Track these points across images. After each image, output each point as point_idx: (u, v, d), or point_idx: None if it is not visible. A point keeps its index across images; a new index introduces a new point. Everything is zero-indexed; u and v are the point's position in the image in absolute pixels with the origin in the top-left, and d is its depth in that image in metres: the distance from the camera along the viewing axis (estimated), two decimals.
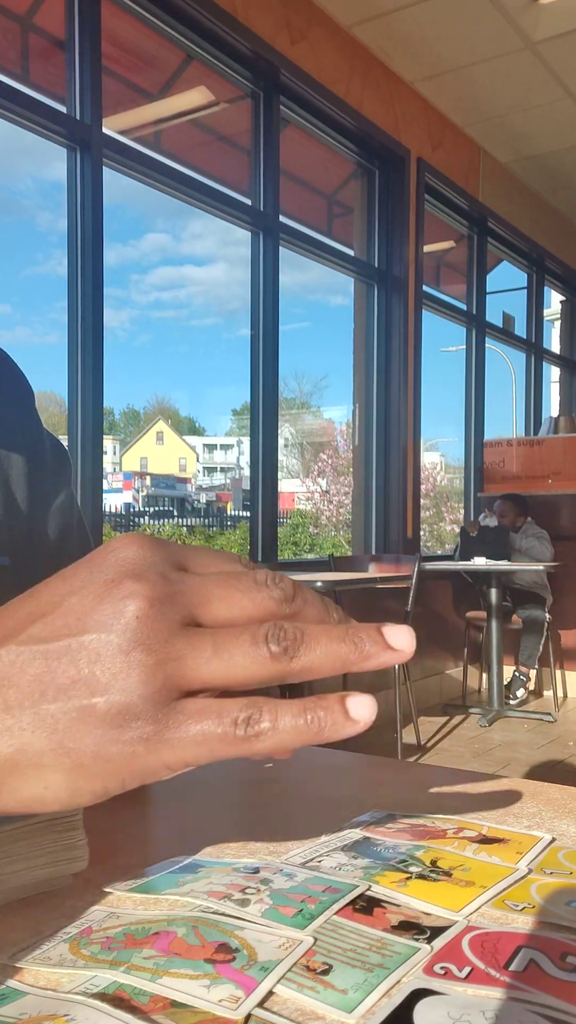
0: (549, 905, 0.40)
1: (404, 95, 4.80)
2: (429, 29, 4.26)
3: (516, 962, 0.34)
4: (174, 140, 4.07)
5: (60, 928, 0.38)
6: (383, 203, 4.88)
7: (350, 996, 0.32)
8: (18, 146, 42.51)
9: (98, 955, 0.35)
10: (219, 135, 4.28)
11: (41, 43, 3.34)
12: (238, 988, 0.32)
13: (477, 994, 0.32)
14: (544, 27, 4.25)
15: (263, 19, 3.80)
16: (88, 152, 3.16)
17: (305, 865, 0.45)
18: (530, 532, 5.09)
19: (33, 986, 0.34)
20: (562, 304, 7.65)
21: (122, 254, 69.18)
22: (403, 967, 0.34)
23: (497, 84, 4.81)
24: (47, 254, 77.59)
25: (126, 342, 70.53)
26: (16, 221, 72.05)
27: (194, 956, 0.35)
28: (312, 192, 4.92)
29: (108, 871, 0.45)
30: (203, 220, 51.71)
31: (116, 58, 3.54)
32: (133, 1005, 0.32)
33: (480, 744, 4.18)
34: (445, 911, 0.39)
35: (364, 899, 0.40)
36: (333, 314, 22.72)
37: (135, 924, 0.38)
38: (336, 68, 4.26)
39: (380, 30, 4.29)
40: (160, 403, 36.70)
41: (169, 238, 76.72)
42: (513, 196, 6.02)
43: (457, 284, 5.92)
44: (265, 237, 4.08)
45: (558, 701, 5.18)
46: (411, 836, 0.49)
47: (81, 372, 3.17)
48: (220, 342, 64.64)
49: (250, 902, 0.39)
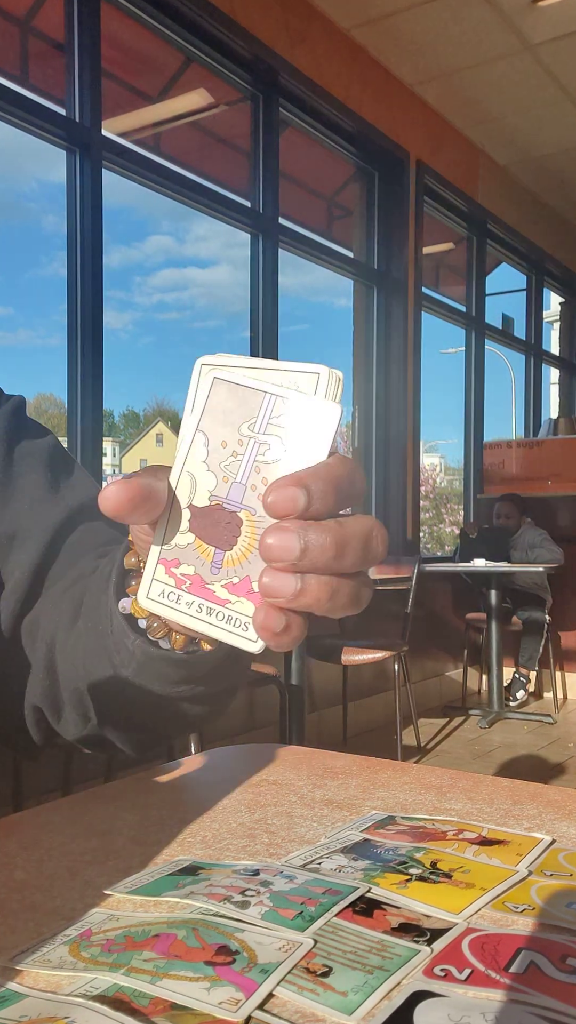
0: (549, 907, 0.40)
1: (403, 97, 4.81)
2: (428, 32, 4.26)
3: (516, 964, 0.34)
4: (173, 142, 4.07)
5: (60, 931, 0.38)
6: (382, 205, 4.88)
7: (350, 998, 0.32)
8: (23, 149, 42.64)
9: (98, 957, 0.35)
10: (218, 137, 4.28)
11: (40, 45, 3.34)
12: (238, 990, 0.32)
13: (477, 996, 0.32)
14: (543, 29, 4.25)
15: (262, 22, 3.80)
16: (88, 154, 3.17)
17: (305, 867, 0.45)
18: (532, 534, 5.09)
19: (33, 988, 0.34)
20: (561, 306, 7.65)
21: (126, 256, 69.23)
22: (403, 969, 0.34)
23: (496, 86, 4.81)
24: (50, 256, 77.65)
25: (128, 344, 70.49)
26: (20, 224, 72.11)
27: (194, 958, 0.35)
28: (311, 194, 4.93)
29: (108, 873, 0.45)
30: (206, 222, 52.06)
31: (115, 61, 3.55)
32: (133, 1007, 0.32)
33: (480, 746, 4.17)
34: (445, 913, 0.39)
35: (364, 901, 0.40)
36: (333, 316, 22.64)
37: (135, 926, 0.38)
38: (335, 70, 4.26)
39: (379, 33, 4.29)
40: (160, 405, 36.67)
41: (172, 240, 76.79)
42: (512, 198, 6.02)
43: (456, 286, 5.92)
44: (264, 239, 4.09)
45: (558, 703, 5.18)
46: (411, 838, 0.49)
47: (80, 374, 3.17)
48: (222, 344, 64.74)
49: (250, 904, 0.39)
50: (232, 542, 0.38)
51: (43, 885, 0.44)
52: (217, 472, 0.38)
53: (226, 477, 0.38)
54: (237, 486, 0.38)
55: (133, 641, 0.50)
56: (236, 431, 0.38)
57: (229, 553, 0.38)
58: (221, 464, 0.38)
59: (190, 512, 0.39)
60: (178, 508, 0.39)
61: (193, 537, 0.39)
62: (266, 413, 0.37)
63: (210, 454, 0.38)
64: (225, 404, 0.38)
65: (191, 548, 0.39)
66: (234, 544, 0.38)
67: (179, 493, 0.39)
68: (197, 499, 0.39)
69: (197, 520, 0.39)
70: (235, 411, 0.38)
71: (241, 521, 0.38)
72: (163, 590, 0.40)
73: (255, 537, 0.38)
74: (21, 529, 0.67)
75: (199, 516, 0.39)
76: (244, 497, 0.38)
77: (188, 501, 0.39)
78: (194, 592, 0.39)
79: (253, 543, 0.38)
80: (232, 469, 0.38)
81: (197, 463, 0.39)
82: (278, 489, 0.35)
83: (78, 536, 0.68)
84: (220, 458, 0.38)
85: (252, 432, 0.37)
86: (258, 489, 0.37)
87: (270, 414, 0.37)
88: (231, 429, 0.38)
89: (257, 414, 0.37)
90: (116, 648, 0.52)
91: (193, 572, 0.39)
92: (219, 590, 0.38)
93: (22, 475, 0.69)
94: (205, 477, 0.38)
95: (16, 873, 0.46)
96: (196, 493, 0.39)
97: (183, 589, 0.39)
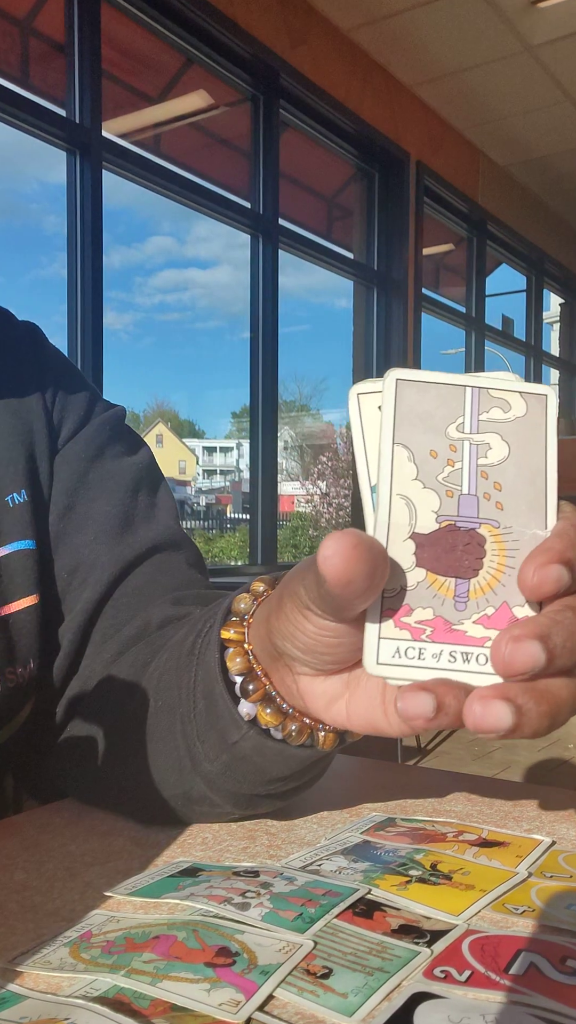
0: (549, 909, 0.40)
1: (403, 98, 4.81)
2: (428, 33, 4.27)
3: (516, 966, 0.34)
4: (174, 143, 4.07)
5: (60, 932, 0.38)
6: (382, 206, 4.88)
7: (350, 1000, 0.32)
8: (25, 150, 42.69)
9: (98, 959, 0.35)
10: (219, 138, 4.28)
11: (41, 47, 3.34)
12: (238, 992, 0.32)
13: (477, 998, 0.32)
14: (543, 30, 4.25)
15: (263, 23, 3.80)
16: (88, 156, 3.17)
17: (305, 869, 0.45)
18: None
19: (33, 990, 0.34)
20: (561, 307, 7.66)
21: (126, 257, 69.22)
22: (403, 971, 0.34)
23: (496, 87, 4.82)
24: (52, 257, 77.67)
25: (129, 344, 70.52)
26: (23, 224, 72.11)
27: (194, 960, 0.35)
28: (312, 195, 4.93)
29: (108, 875, 0.45)
30: (207, 223, 52.19)
31: (116, 62, 3.55)
32: (133, 1009, 0.32)
33: (480, 747, 4.17)
34: (445, 915, 0.39)
35: (364, 903, 0.40)
36: (334, 317, 22.67)
37: (135, 928, 0.38)
38: (335, 71, 4.27)
39: (379, 34, 4.29)
40: (160, 406, 36.66)
41: (173, 241, 76.79)
42: (512, 199, 6.03)
43: (456, 287, 5.93)
44: (264, 240, 4.09)
45: None
46: (411, 840, 0.49)
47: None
48: (223, 344, 64.80)
49: (250, 906, 0.39)
50: (477, 566, 0.32)
51: (43, 886, 0.44)
52: (437, 488, 0.32)
53: (450, 491, 0.32)
54: (467, 499, 0.32)
55: (244, 732, 0.44)
56: (444, 436, 0.33)
57: (475, 581, 0.32)
58: (439, 477, 0.33)
59: (414, 543, 0.32)
60: (396, 543, 0.32)
61: (424, 573, 0.32)
62: (473, 409, 0.33)
63: (420, 468, 0.32)
64: (420, 408, 0.33)
65: (423, 586, 0.32)
66: (479, 568, 0.32)
67: (394, 523, 0.32)
68: (420, 525, 0.32)
69: (426, 550, 0.32)
70: (435, 414, 0.33)
71: (484, 539, 0.32)
72: (397, 648, 0.32)
73: (505, 555, 0.32)
74: (84, 563, 0.59)
75: (427, 545, 0.32)
76: (480, 510, 0.32)
77: (409, 531, 0.32)
78: (440, 639, 0.32)
79: (504, 561, 0.32)
80: (454, 480, 0.33)
81: (408, 482, 0.32)
82: (540, 568, 0.30)
83: (146, 575, 0.60)
84: (435, 470, 0.33)
85: (464, 433, 0.33)
86: (493, 497, 0.32)
87: (478, 409, 0.33)
88: (437, 435, 0.33)
89: (463, 412, 0.33)
90: (201, 736, 0.46)
91: (433, 615, 0.32)
92: (472, 628, 0.32)
93: (94, 500, 0.61)
94: (424, 496, 0.32)
95: (16, 874, 0.46)
96: (417, 518, 0.32)
97: (424, 639, 0.32)
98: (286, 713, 0.43)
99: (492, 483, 0.32)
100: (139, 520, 0.62)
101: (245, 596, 0.45)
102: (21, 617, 0.57)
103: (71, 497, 0.61)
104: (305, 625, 0.36)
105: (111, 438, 0.64)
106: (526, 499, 0.33)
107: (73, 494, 0.61)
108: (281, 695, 0.43)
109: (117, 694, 0.54)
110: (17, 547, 0.58)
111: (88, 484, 0.61)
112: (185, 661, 0.48)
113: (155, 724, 0.50)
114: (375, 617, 0.32)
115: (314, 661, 0.38)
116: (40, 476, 0.61)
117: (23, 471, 0.59)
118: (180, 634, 0.52)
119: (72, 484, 0.61)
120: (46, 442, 0.61)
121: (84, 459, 0.62)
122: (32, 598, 0.58)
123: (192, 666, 0.47)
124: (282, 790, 0.48)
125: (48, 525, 0.61)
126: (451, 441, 0.33)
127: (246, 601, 0.45)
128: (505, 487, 0.32)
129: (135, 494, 0.62)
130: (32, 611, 0.58)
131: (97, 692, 0.57)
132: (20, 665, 0.57)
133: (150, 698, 0.51)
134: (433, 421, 0.33)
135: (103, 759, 0.55)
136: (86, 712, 0.57)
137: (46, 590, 0.59)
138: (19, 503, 0.59)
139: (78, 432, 0.63)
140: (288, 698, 0.43)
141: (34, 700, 0.60)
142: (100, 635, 0.59)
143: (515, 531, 0.32)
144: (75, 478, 0.61)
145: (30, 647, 0.58)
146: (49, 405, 0.63)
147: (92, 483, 0.62)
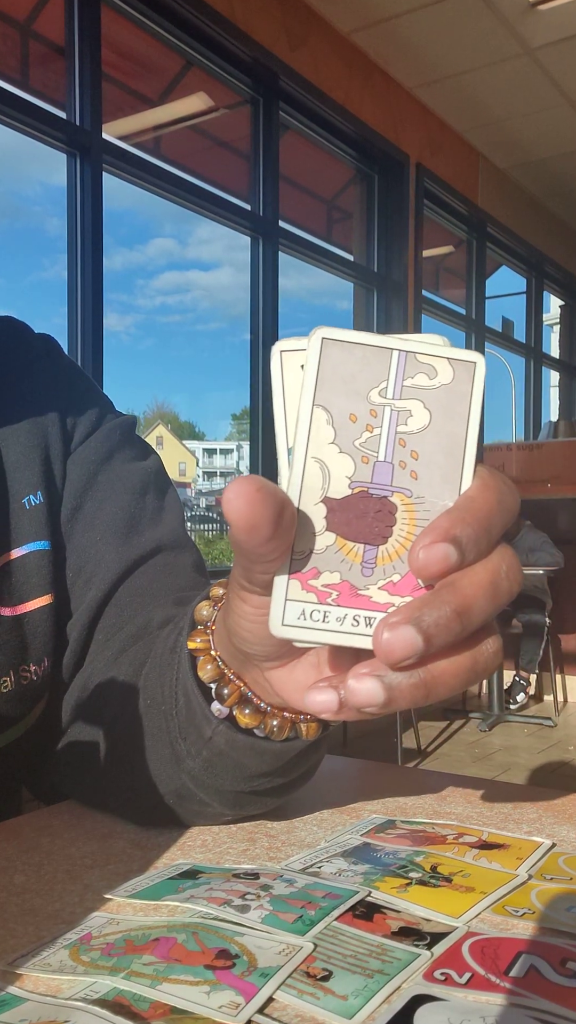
0: (549, 911, 0.40)
1: (403, 101, 4.82)
2: (428, 35, 4.27)
3: (516, 968, 0.34)
4: (174, 146, 4.07)
5: (60, 934, 0.38)
6: (382, 208, 4.89)
7: (350, 1002, 0.32)
8: (27, 152, 42.54)
9: (98, 961, 0.35)
10: (219, 140, 4.29)
11: (41, 49, 3.35)
12: (238, 994, 0.32)
13: (477, 1000, 0.32)
14: (542, 33, 4.26)
15: (262, 25, 3.81)
16: (88, 158, 3.17)
17: (305, 871, 0.45)
18: (532, 537, 5.09)
19: (33, 992, 0.34)
20: (561, 309, 7.66)
21: (128, 259, 69.27)
22: (403, 973, 0.34)
23: (496, 90, 4.82)
24: (53, 259, 77.77)
25: (130, 346, 70.49)
26: (25, 227, 72.18)
27: (194, 962, 0.34)
28: (311, 197, 4.93)
29: (108, 877, 0.45)
30: (209, 225, 52.21)
31: (116, 64, 3.55)
32: (133, 1011, 0.32)
33: (480, 749, 4.17)
34: (445, 917, 0.39)
35: (364, 905, 0.40)
36: (334, 318, 22.93)
37: (135, 930, 0.38)
38: (335, 74, 4.27)
39: (379, 36, 4.30)
40: (160, 407, 36.68)
41: (175, 243, 76.82)
42: (512, 201, 6.03)
43: (456, 289, 5.93)
44: (265, 242, 4.09)
45: (558, 705, 5.17)
46: (411, 842, 0.49)
47: None
48: (224, 346, 64.67)
49: (250, 908, 0.39)
50: (386, 534, 0.32)
51: (43, 889, 0.44)
52: (353, 453, 0.32)
53: (365, 457, 0.32)
54: (382, 466, 0.32)
55: (215, 727, 0.45)
56: (365, 400, 0.32)
57: (383, 548, 0.32)
58: (356, 443, 0.32)
59: (325, 507, 0.32)
60: (307, 506, 0.32)
61: (334, 537, 0.32)
62: (398, 374, 0.32)
63: (338, 432, 0.32)
64: (344, 369, 0.32)
65: (332, 551, 0.32)
66: (389, 536, 0.32)
67: (307, 486, 0.32)
68: (333, 490, 0.32)
69: (337, 515, 0.32)
70: (359, 376, 0.32)
71: (395, 507, 0.32)
72: (303, 611, 0.32)
73: (415, 524, 0.32)
74: (89, 562, 0.60)
75: (339, 510, 0.32)
76: (394, 478, 0.32)
77: (321, 494, 0.32)
78: (345, 603, 0.32)
79: (413, 531, 0.32)
80: (371, 447, 0.32)
81: (324, 445, 0.32)
82: (426, 548, 0.31)
83: (149, 576, 0.60)
84: (352, 435, 0.32)
85: (386, 399, 0.32)
86: (408, 466, 0.32)
87: (403, 374, 0.32)
88: (358, 399, 0.32)
89: (388, 376, 0.32)
90: (183, 733, 0.47)
91: (339, 579, 0.32)
92: (377, 594, 0.32)
93: (102, 502, 0.62)
94: (339, 461, 0.32)
95: (16, 877, 0.46)
96: (330, 483, 0.32)
97: (330, 603, 0.32)
98: (264, 712, 0.44)
99: (409, 451, 0.32)
100: (145, 522, 0.62)
101: (206, 603, 0.46)
102: (36, 616, 0.59)
103: (80, 498, 0.62)
104: (245, 609, 0.36)
105: (121, 443, 0.65)
106: (441, 470, 0.32)
107: (82, 495, 0.62)
108: (256, 694, 0.43)
109: (116, 694, 0.55)
110: (33, 547, 0.59)
111: (97, 486, 0.62)
112: (168, 659, 0.49)
113: (148, 722, 0.51)
114: (283, 578, 0.32)
115: (270, 650, 0.39)
116: (55, 479, 0.62)
117: (39, 474, 0.61)
118: (165, 632, 0.53)
119: (82, 485, 0.62)
120: (60, 446, 0.62)
121: (94, 461, 0.63)
122: (47, 598, 0.59)
123: (174, 664, 0.48)
124: (267, 787, 0.48)
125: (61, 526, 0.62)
126: (372, 406, 0.32)
127: (207, 608, 0.46)
128: (422, 456, 0.32)
129: (143, 497, 0.63)
130: (47, 611, 0.59)
131: (97, 692, 0.58)
132: (34, 663, 0.59)
133: (143, 696, 0.51)
134: (356, 384, 0.32)
135: (103, 759, 0.55)
136: (87, 712, 0.58)
137: (60, 590, 0.60)
138: (35, 505, 0.60)
139: (90, 436, 0.64)
140: (264, 696, 0.43)
141: (47, 699, 0.61)
142: (103, 634, 0.59)
143: (427, 501, 0.32)
144: (85, 479, 0.62)
145: (44, 646, 0.59)
146: (63, 412, 0.64)
147: (101, 485, 0.62)
